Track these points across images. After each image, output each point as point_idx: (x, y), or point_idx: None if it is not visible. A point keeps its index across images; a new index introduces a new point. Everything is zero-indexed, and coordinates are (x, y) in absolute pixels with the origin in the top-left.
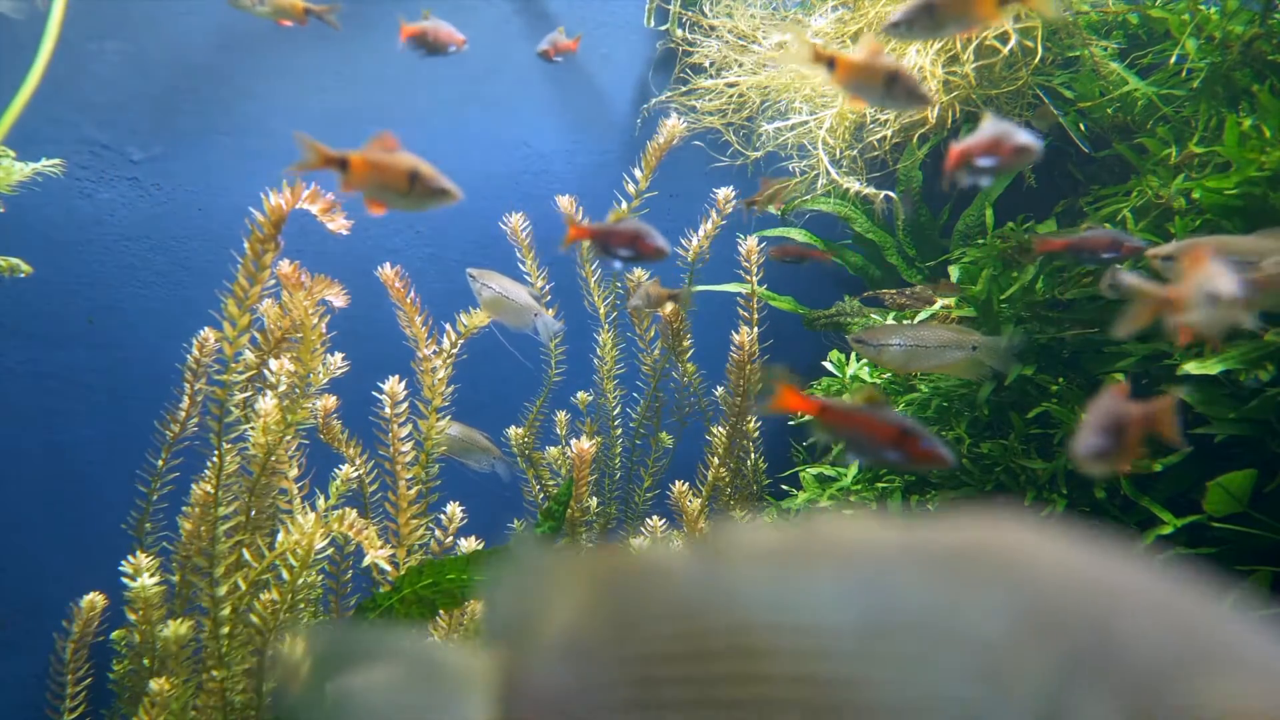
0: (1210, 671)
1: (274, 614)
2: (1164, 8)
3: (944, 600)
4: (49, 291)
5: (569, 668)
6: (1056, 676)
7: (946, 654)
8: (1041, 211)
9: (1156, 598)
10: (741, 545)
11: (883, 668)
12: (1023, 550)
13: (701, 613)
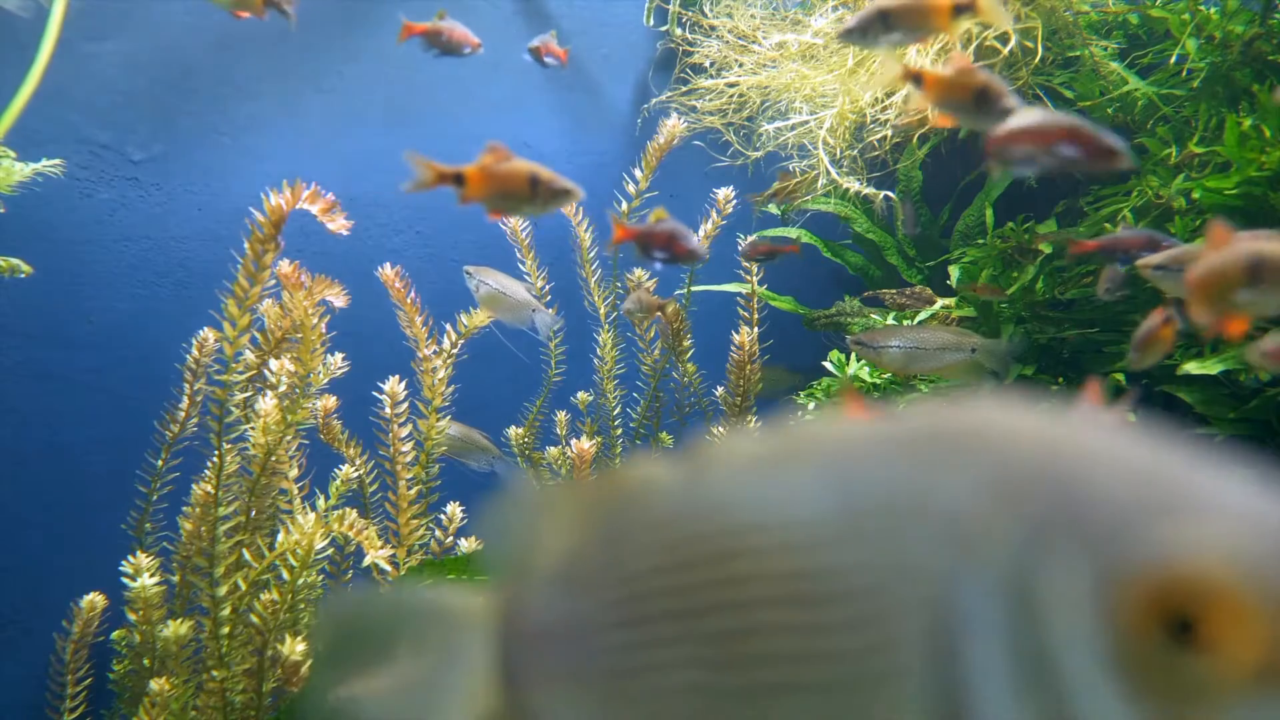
0: (1177, 517)
1: (274, 614)
2: (1164, 8)
3: (914, 478)
4: (49, 291)
5: (562, 595)
6: (1022, 537)
7: (917, 529)
8: (1041, 211)
9: (1123, 454)
10: (723, 455)
11: (857, 551)
12: (990, 424)
13: (686, 523)
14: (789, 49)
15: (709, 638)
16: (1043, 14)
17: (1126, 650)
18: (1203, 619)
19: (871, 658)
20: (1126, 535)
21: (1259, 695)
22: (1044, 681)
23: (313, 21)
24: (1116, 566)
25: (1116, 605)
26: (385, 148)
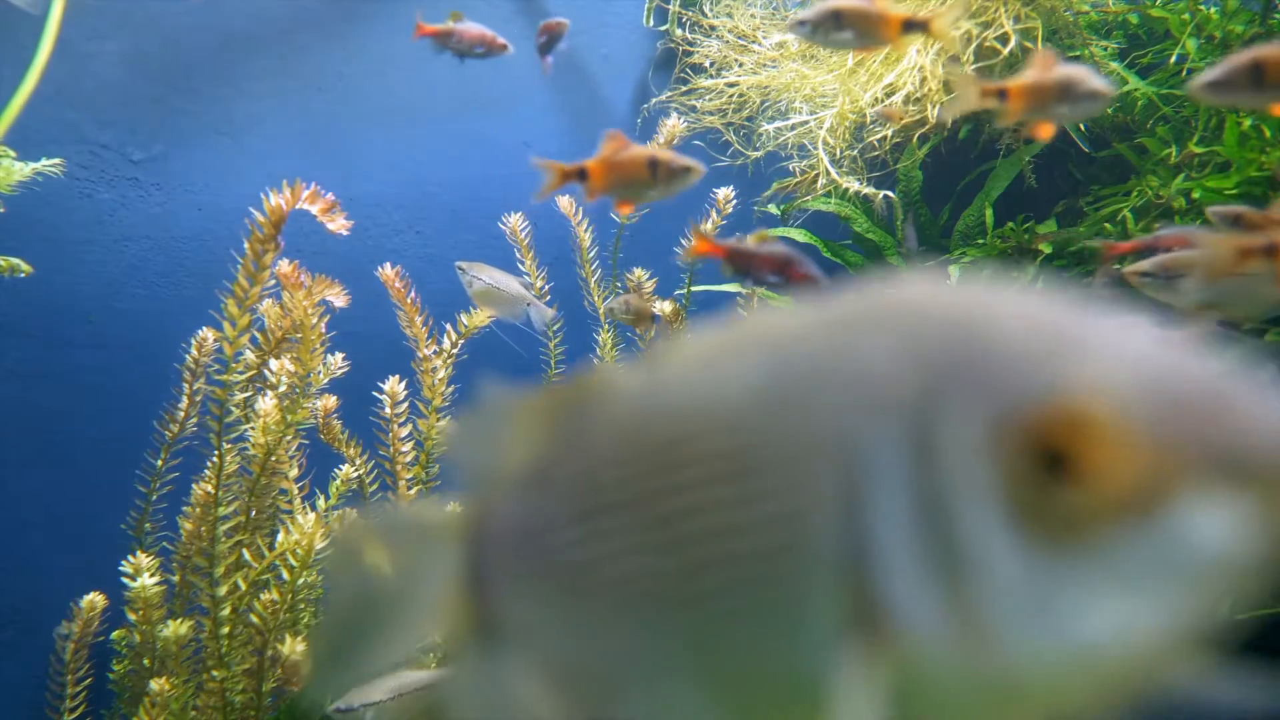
0: (1059, 360)
1: (274, 614)
2: (1164, 8)
3: (833, 349)
4: (49, 291)
5: (525, 497)
6: (923, 389)
7: (831, 395)
8: (1041, 211)
9: (1024, 309)
10: (674, 352)
11: (779, 422)
12: (907, 295)
13: (635, 417)
14: (789, 49)
15: (651, 523)
16: (1043, 14)
17: (1010, 486)
18: (1076, 452)
19: (791, 523)
20: (1012, 378)
21: (1127, 523)
22: (940, 524)
23: (313, 21)
24: (1000, 407)
25: (1000, 444)
26: (385, 148)
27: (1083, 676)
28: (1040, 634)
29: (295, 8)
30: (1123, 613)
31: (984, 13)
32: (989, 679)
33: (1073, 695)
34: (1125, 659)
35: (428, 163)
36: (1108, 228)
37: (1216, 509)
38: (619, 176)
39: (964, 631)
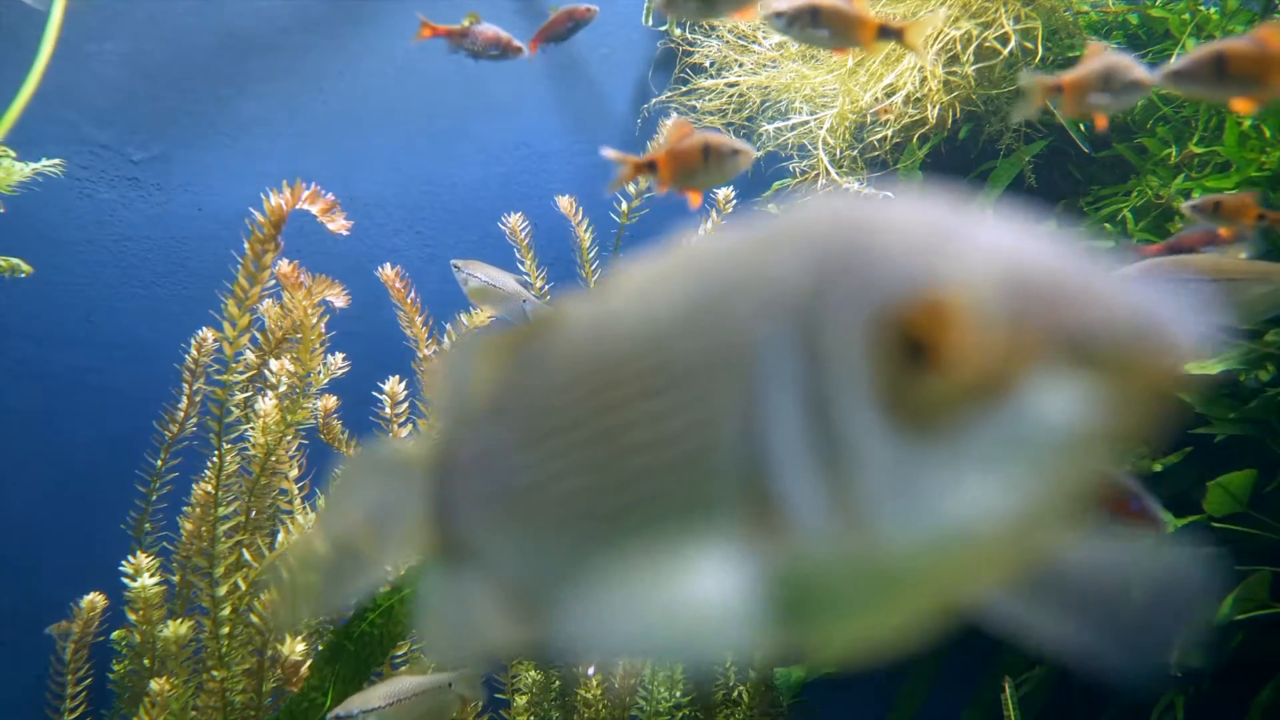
0: (938, 254)
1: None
2: (1164, 8)
3: (749, 264)
4: (49, 291)
5: (484, 427)
6: (815, 293)
7: (742, 306)
8: (1041, 212)
9: (912, 212)
10: (621, 279)
11: (697, 336)
12: (816, 210)
13: (581, 344)
14: (789, 49)
15: (590, 443)
16: (1043, 14)
17: (880, 377)
18: (936, 340)
19: (704, 430)
20: (883, 275)
21: (983, 405)
22: (823, 419)
23: (313, 22)
24: (872, 302)
25: (871, 336)
26: (385, 148)
27: (953, 558)
28: (910, 517)
29: (295, 8)
30: (983, 492)
31: (984, 13)
32: (870, 565)
33: (948, 578)
34: (989, 538)
35: (428, 163)
36: (1108, 228)
37: (1064, 389)
38: (681, 165)
39: (845, 521)
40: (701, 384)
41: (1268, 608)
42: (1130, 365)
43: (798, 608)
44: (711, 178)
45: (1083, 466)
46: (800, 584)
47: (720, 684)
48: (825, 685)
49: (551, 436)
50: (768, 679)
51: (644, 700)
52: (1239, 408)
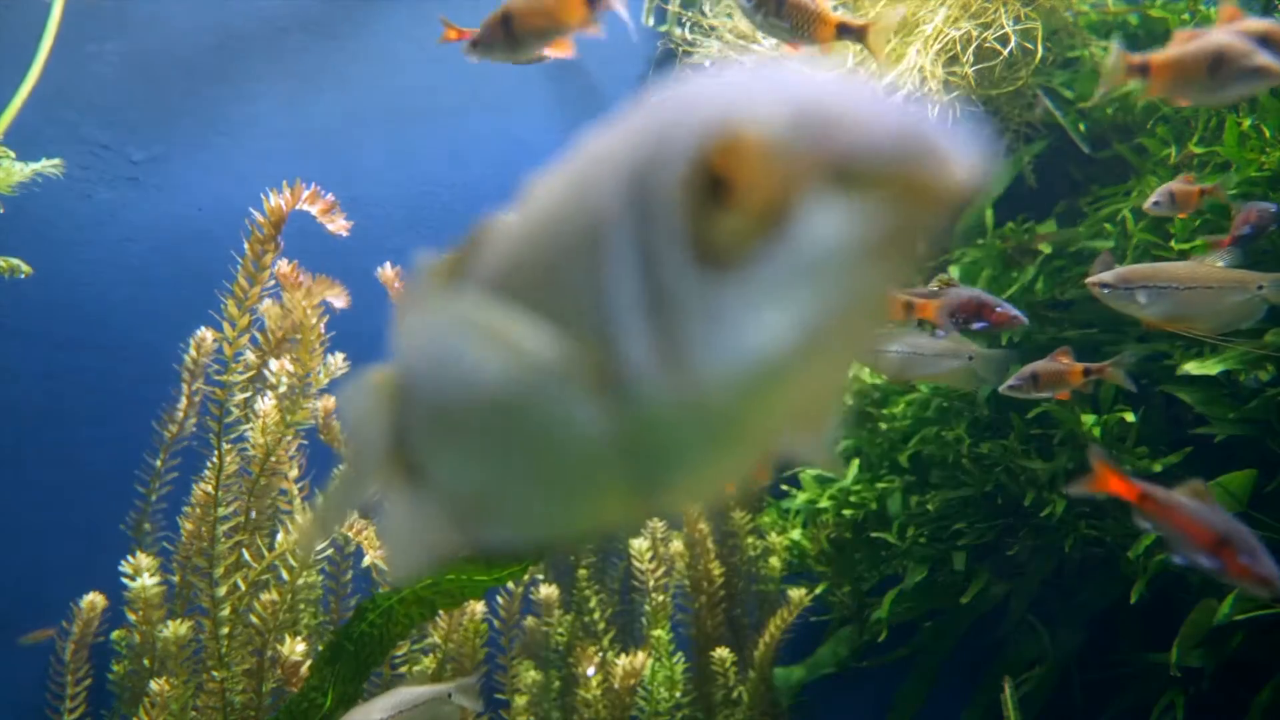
0: (738, 99)
1: (274, 614)
2: (1164, 8)
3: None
4: (49, 291)
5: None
6: (653, 156)
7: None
8: (1041, 211)
9: (733, 73)
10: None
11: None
12: (672, 88)
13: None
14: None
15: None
16: (1043, 14)
17: (689, 221)
18: (728, 175)
19: (574, 308)
20: (694, 124)
21: (769, 234)
22: (651, 271)
23: (312, 21)
24: (684, 150)
25: (682, 183)
26: (385, 148)
27: (765, 387)
28: (722, 353)
29: (295, 8)
30: (780, 320)
31: (984, 13)
32: (699, 407)
33: (768, 409)
34: (791, 363)
35: (428, 163)
36: (1108, 228)
37: (838, 210)
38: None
39: (672, 366)
40: (573, 267)
41: (1268, 608)
42: (894, 180)
43: (652, 462)
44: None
45: (866, 285)
46: (650, 438)
47: (720, 684)
48: (825, 685)
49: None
50: (768, 679)
51: (644, 700)
52: (1239, 408)
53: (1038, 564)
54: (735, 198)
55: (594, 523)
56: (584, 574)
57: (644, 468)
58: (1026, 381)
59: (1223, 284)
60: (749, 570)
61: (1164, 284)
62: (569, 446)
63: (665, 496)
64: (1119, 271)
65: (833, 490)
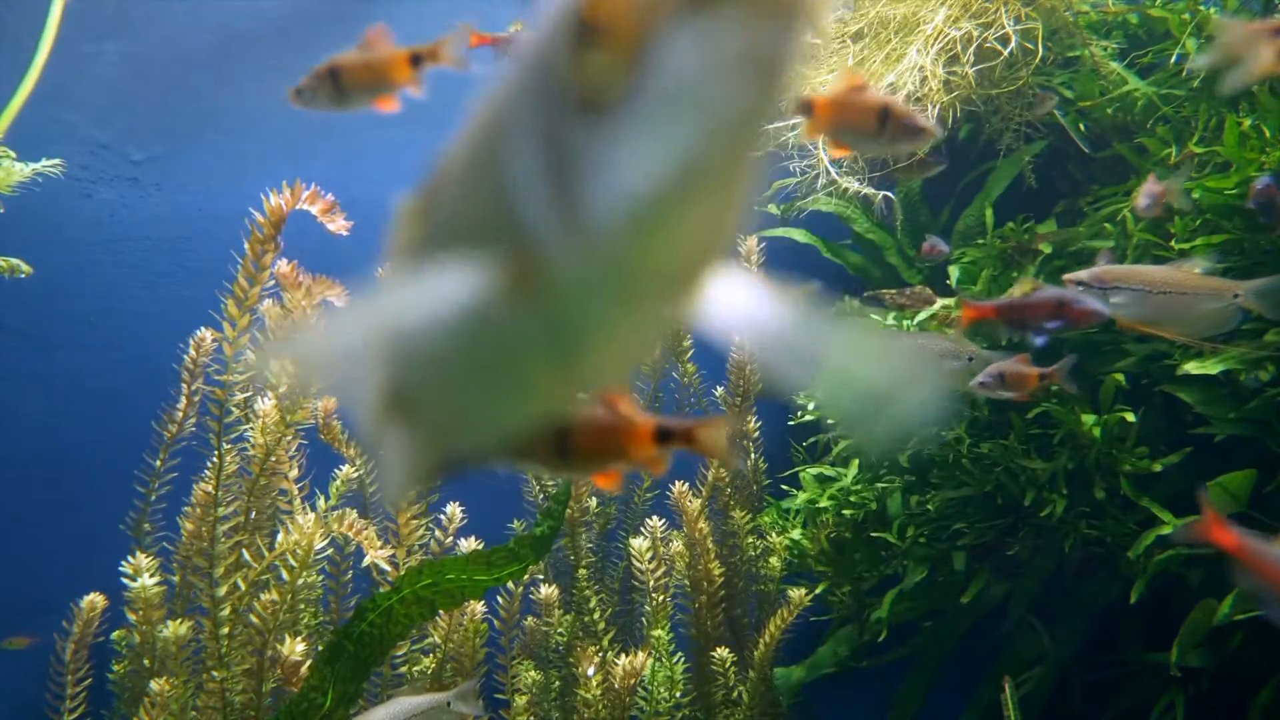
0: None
1: (274, 614)
2: (1164, 8)
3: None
4: (49, 291)
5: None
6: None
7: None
8: (1041, 211)
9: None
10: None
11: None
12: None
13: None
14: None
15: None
16: (1043, 14)
17: (571, 72)
18: (597, 18)
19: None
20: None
21: (636, 66)
22: (547, 135)
23: (312, 21)
24: (559, 14)
25: (562, 39)
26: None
27: (655, 230)
28: (610, 197)
29: (295, 8)
30: (657, 154)
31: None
32: (598, 261)
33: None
34: (681, 195)
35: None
36: (1108, 228)
37: (696, 32)
38: (844, 119)
39: (572, 222)
40: (492, 164)
41: None
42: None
43: (567, 334)
44: (880, 147)
45: (735, 108)
46: (561, 307)
47: (720, 684)
48: (825, 685)
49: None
50: (768, 679)
51: (644, 700)
52: (1239, 408)
53: (1038, 564)
54: (603, 36)
55: (535, 411)
56: (584, 574)
57: (562, 341)
58: (995, 379)
59: (1198, 290)
60: (749, 570)
61: (1139, 286)
62: (501, 344)
63: (586, 370)
64: (1095, 271)
65: (833, 490)
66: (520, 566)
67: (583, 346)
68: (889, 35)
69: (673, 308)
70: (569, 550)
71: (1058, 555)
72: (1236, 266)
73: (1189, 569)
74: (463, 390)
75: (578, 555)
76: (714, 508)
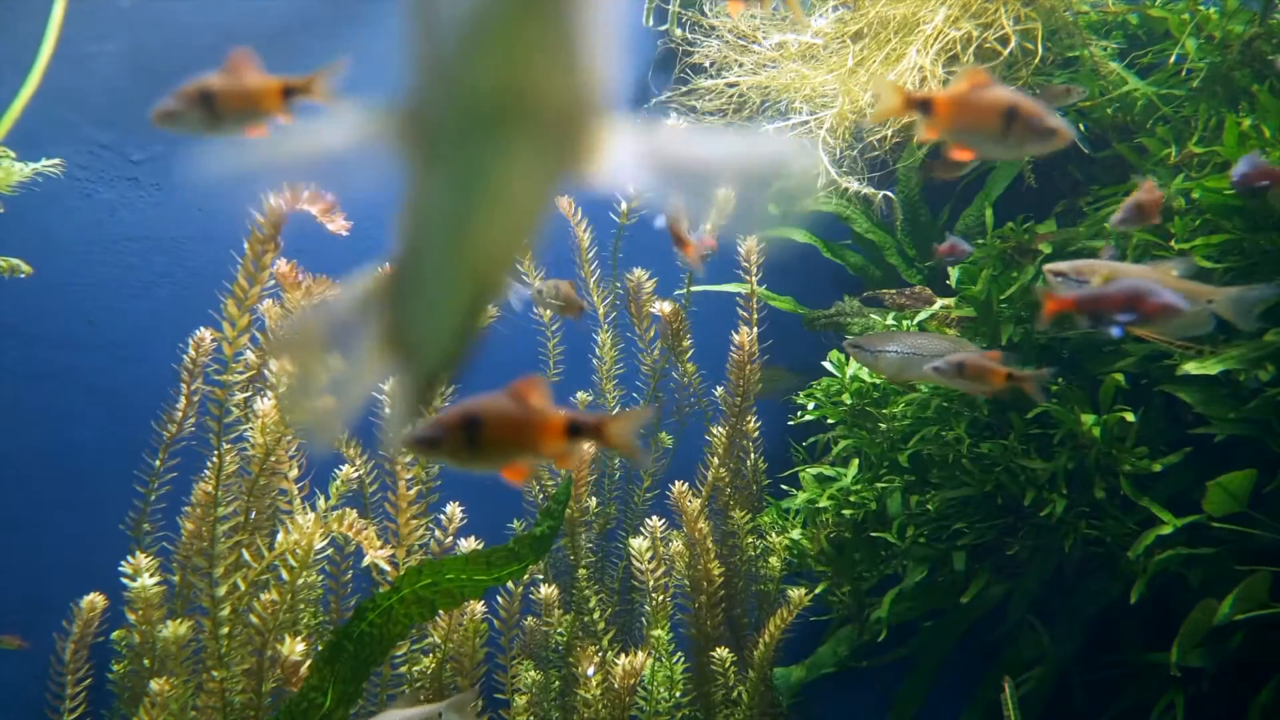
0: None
1: (273, 614)
2: (1164, 8)
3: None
4: (49, 291)
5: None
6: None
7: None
8: (1041, 211)
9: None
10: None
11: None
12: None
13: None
14: (789, 49)
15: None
16: (1043, 14)
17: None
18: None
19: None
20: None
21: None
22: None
23: (312, 21)
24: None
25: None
26: None
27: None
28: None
29: (295, 8)
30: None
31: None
32: (451, 84)
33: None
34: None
35: None
36: (1107, 228)
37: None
38: (967, 120)
39: (422, 48)
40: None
41: (1268, 608)
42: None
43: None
44: (1004, 150)
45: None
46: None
47: (720, 684)
48: (825, 685)
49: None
50: (768, 679)
51: (644, 700)
52: (1239, 408)
53: (1038, 564)
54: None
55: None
56: (584, 574)
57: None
58: (951, 368)
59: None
60: (749, 570)
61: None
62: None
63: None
64: (1075, 264)
65: (833, 490)
66: (520, 566)
67: (474, 194)
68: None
69: (552, 152)
70: (569, 550)
71: (1058, 555)
72: (1236, 266)
73: (1189, 569)
74: (420, 284)
75: (578, 555)
76: (714, 508)
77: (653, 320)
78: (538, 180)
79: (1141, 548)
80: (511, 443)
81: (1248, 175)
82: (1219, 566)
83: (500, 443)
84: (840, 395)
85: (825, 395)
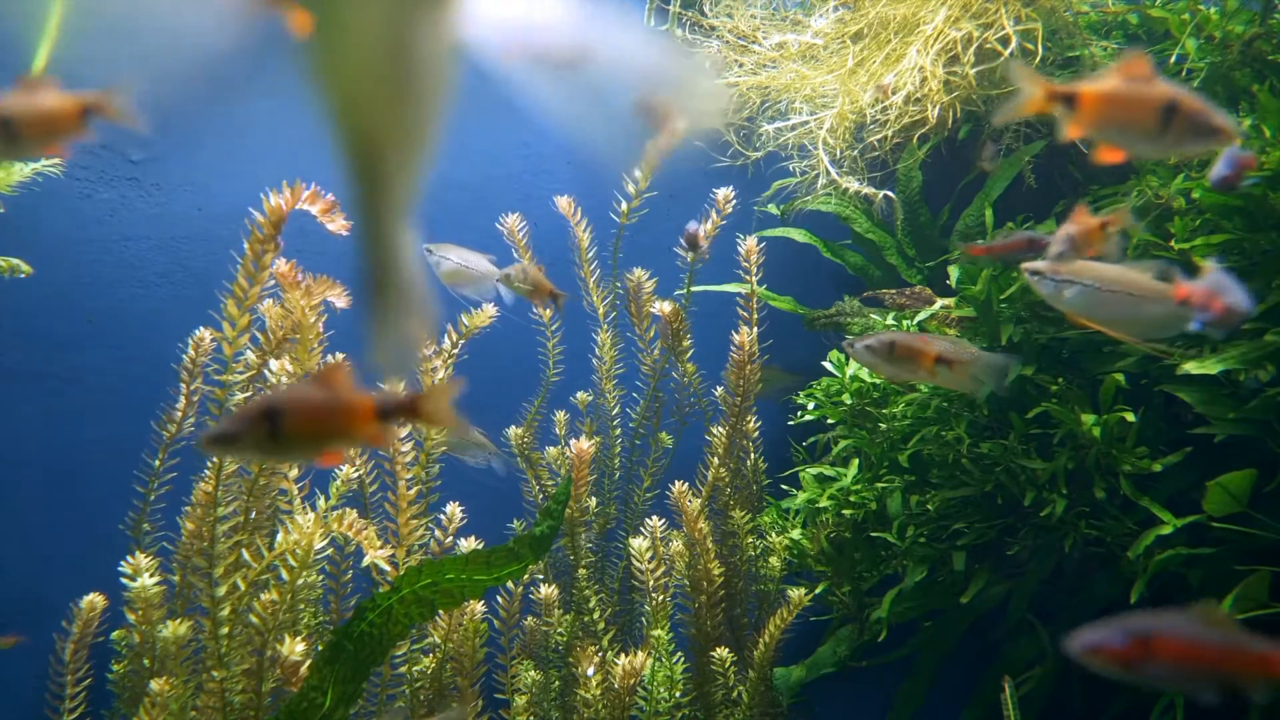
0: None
1: (273, 614)
2: (1164, 8)
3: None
4: (49, 291)
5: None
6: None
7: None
8: (1041, 211)
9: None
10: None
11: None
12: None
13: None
14: (789, 49)
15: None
16: (1043, 14)
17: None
18: None
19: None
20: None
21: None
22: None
23: None
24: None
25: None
26: None
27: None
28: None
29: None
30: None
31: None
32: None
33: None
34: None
35: None
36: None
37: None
38: (1118, 115)
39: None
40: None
41: (1267, 608)
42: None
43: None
44: (1159, 147)
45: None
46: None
47: (720, 684)
48: (825, 685)
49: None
50: (768, 679)
51: (644, 700)
52: (1239, 408)
53: (1038, 564)
54: None
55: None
56: (584, 574)
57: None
58: (883, 347)
59: (1144, 294)
60: (749, 570)
61: (1089, 282)
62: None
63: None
64: (1052, 264)
65: (832, 490)
66: (520, 566)
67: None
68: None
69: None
70: (569, 550)
71: (1058, 555)
72: (1236, 266)
73: (1189, 569)
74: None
75: (577, 555)
76: (714, 508)
77: (653, 320)
78: (391, 9)
79: (1141, 548)
80: (320, 431)
81: (1227, 178)
82: (1219, 566)
83: (307, 432)
84: (840, 395)
85: (825, 395)
